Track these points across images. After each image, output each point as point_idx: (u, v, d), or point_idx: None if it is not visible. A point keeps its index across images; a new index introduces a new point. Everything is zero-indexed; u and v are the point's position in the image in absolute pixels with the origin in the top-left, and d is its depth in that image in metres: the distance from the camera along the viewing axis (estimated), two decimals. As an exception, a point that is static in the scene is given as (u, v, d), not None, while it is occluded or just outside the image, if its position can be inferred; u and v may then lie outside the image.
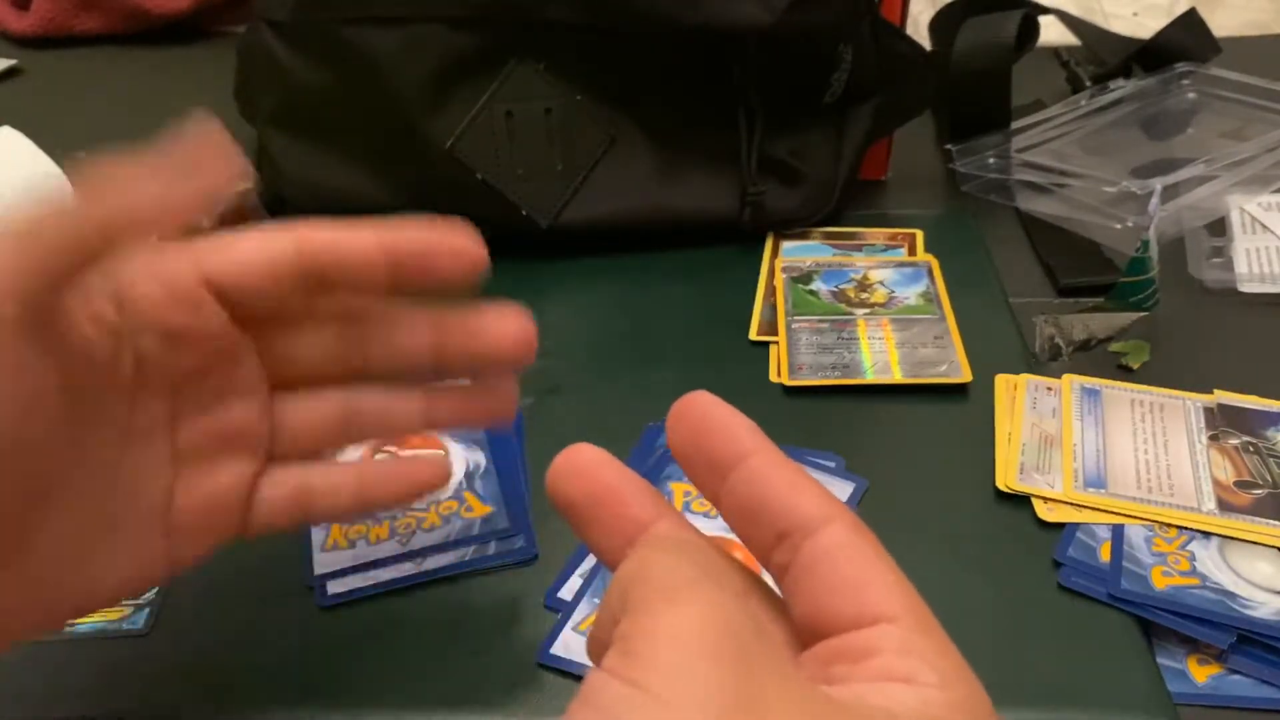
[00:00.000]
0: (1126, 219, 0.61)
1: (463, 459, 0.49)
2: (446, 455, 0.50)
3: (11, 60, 0.94)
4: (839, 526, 0.27)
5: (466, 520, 0.46)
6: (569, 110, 0.60)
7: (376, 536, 0.45)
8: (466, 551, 0.45)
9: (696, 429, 0.29)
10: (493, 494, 0.47)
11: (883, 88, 0.65)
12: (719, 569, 0.27)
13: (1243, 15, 0.99)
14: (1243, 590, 0.42)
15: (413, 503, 0.46)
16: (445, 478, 0.40)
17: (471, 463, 0.49)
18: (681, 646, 0.23)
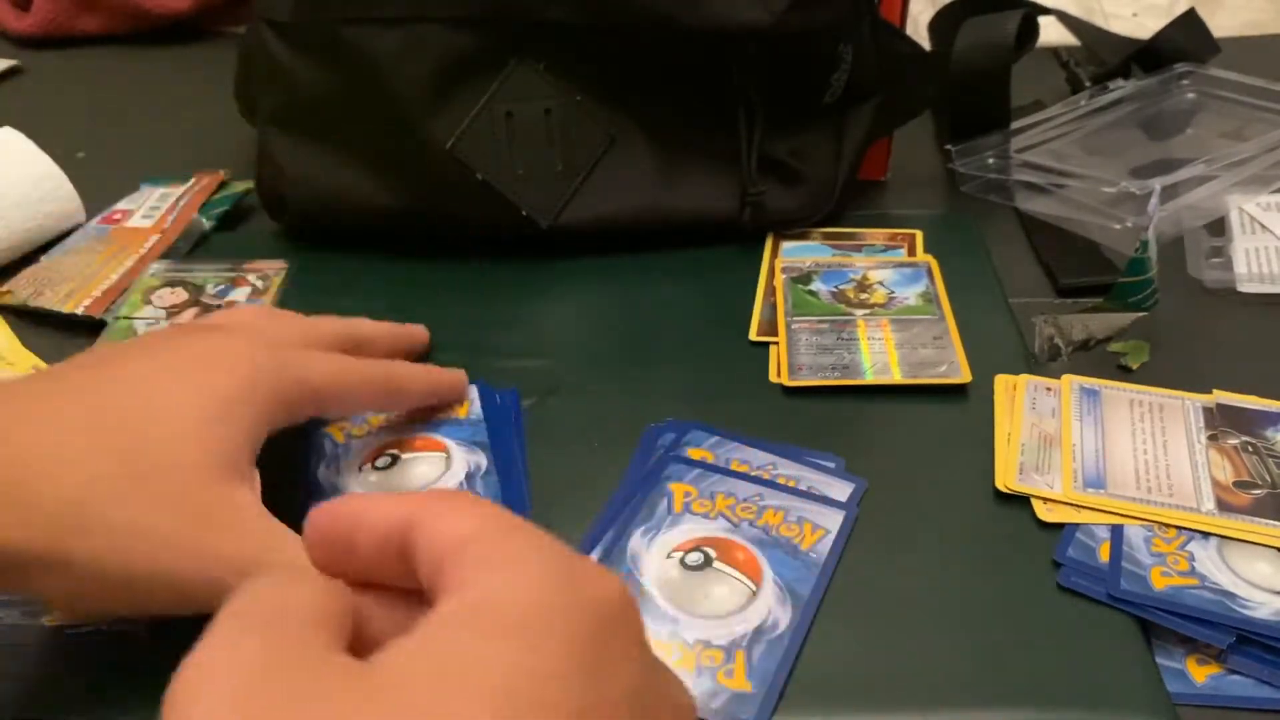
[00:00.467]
0: (1126, 219, 0.61)
1: (464, 460, 0.49)
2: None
3: (12, 60, 0.94)
4: (427, 504, 0.28)
5: None
6: (569, 110, 0.60)
7: None
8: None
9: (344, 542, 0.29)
10: (494, 496, 0.47)
11: (883, 88, 0.65)
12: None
13: (1242, 15, 0.99)
14: (1242, 590, 0.42)
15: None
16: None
17: (472, 464, 0.48)
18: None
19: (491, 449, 0.49)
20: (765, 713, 0.38)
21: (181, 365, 0.41)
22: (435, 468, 0.48)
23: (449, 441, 0.50)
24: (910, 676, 0.40)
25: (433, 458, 0.49)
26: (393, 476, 0.48)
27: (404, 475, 0.48)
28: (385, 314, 0.60)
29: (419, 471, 0.48)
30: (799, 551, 0.44)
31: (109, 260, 0.63)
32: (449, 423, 0.51)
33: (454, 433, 0.50)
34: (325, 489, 0.47)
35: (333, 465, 0.49)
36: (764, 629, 0.41)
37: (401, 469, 0.48)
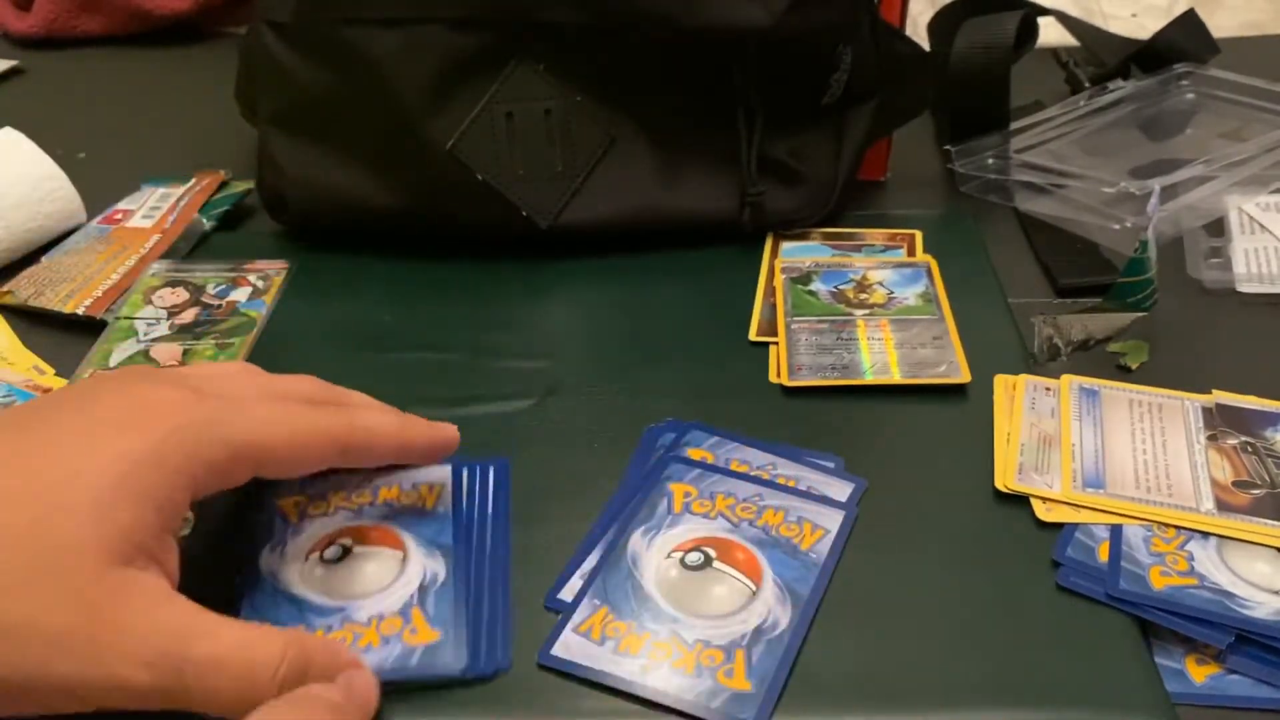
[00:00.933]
0: (1125, 219, 0.61)
1: (420, 565, 0.43)
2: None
3: (12, 60, 0.94)
4: None
5: (406, 647, 0.40)
6: (569, 111, 0.60)
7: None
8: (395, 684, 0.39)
9: None
10: (445, 617, 0.41)
11: (882, 88, 0.65)
12: None
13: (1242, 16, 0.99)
14: (1241, 590, 0.42)
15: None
16: None
17: (429, 572, 0.43)
18: None
19: (455, 553, 0.43)
20: (765, 713, 0.38)
21: (91, 427, 0.36)
22: (387, 571, 0.42)
23: (409, 539, 0.44)
24: (910, 676, 0.40)
25: (387, 556, 0.43)
26: (337, 574, 0.42)
27: (351, 575, 0.42)
28: (386, 314, 0.60)
29: (368, 571, 0.42)
30: (799, 551, 0.44)
31: (109, 260, 0.63)
32: (413, 513, 0.45)
33: (417, 527, 0.44)
34: (264, 577, 0.42)
35: (278, 549, 0.43)
36: (764, 629, 0.41)
37: (349, 567, 0.42)
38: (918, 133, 0.75)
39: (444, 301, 0.61)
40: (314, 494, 0.45)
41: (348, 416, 0.42)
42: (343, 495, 0.45)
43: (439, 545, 0.43)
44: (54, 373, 0.56)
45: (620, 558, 0.44)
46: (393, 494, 0.45)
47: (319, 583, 0.42)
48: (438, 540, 0.44)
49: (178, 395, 0.38)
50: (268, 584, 0.42)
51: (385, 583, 0.42)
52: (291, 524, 0.44)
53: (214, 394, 0.39)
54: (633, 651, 0.40)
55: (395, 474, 0.46)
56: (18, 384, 0.55)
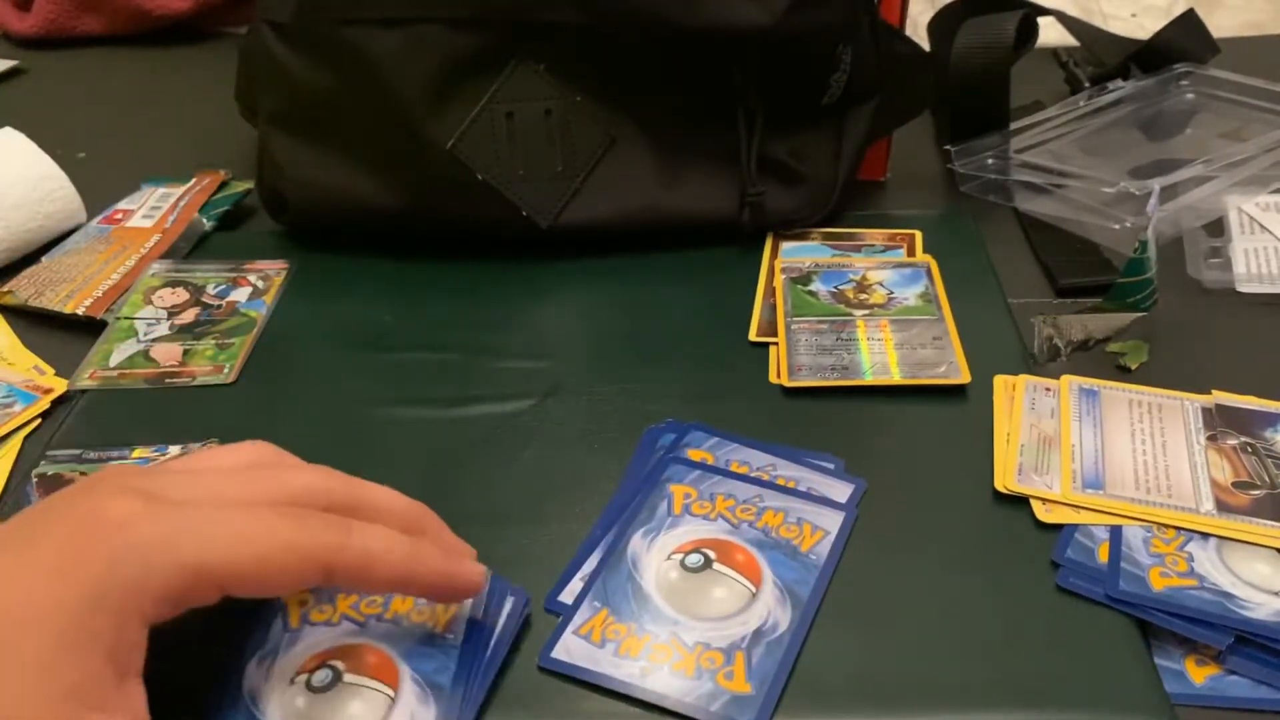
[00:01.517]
0: (1125, 219, 0.61)
1: (408, 712, 0.38)
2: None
3: (13, 60, 0.94)
4: None
5: None
6: (569, 110, 0.60)
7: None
8: None
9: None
10: None
11: (882, 88, 0.65)
12: None
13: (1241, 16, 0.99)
14: (1241, 591, 0.42)
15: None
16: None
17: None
18: None
19: (444, 707, 0.38)
20: (765, 714, 0.38)
21: (27, 575, 0.32)
22: (372, 713, 0.37)
23: (405, 675, 0.39)
24: (910, 677, 0.40)
25: (376, 698, 0.38)
26: (318, 710, 0.37)
27: (333, 710, 0.37)
28: (386, 314, 0.60)
29: (352, 711, 0.37)
30: (798, 553, 0.44)
31: (110, 260, 0.63)
32: (419, 639, 0.40)
33: (418, 659, 0.39)
34: (244, 698, 0.38)
35: (266, 662, 0.39)
36: (764, 630, 0.41)
37: (332, 704, 0.38)
38: (918, 133, 0.75)
39: (444, 301, 0.61)
40: (321, 595, 0.41)
41: (343, 535, 0.36)
42: (351, 601, 0.41)
43: (434, 686, 0.38)
44: (54, 373, 0.56)
45: (620, 560, 0.44)
46: (405, 608, 0.41)
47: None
48: (435, 680, 0.38)
49: (129, 509, 0.33)
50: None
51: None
52: (289, 628, 0.40)
53: (176, 501, 0.34)
54: (633, 654, 0.40)
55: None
56: (18, 384, 0.55)
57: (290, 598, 0.41)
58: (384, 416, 0.53)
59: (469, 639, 0.40)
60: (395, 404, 0.53)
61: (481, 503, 0.48)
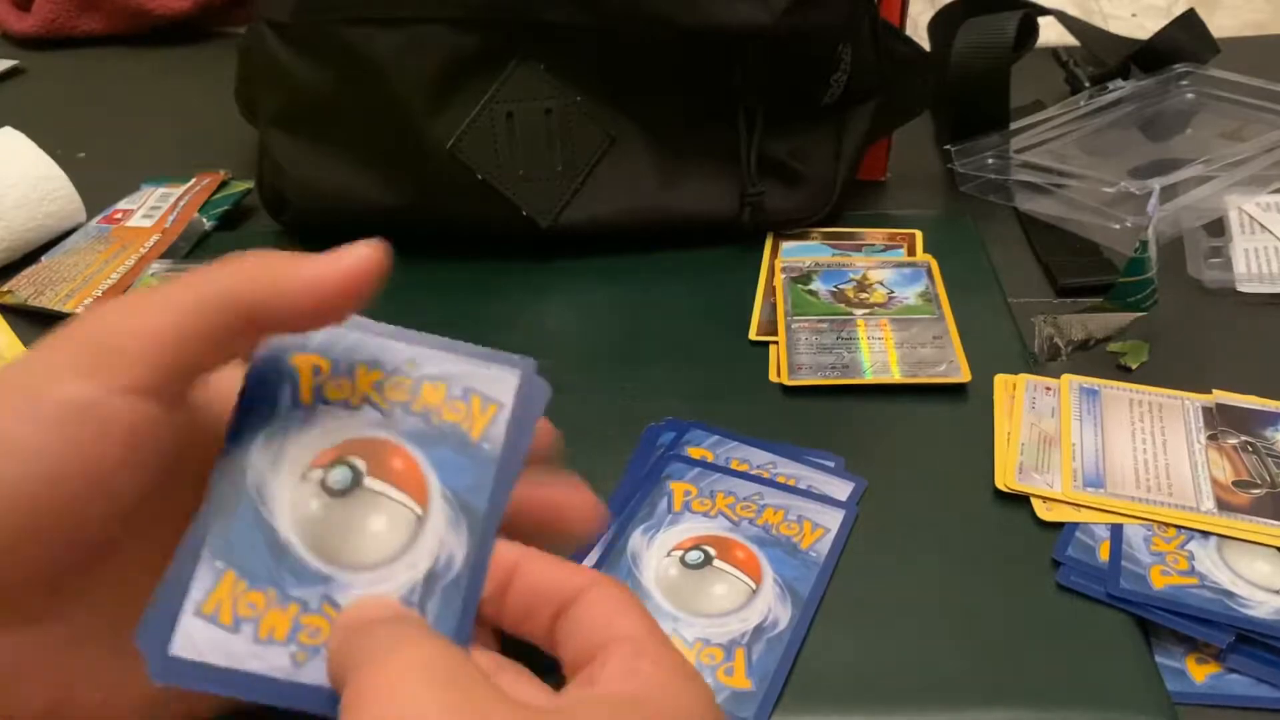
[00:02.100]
0: (1125, 219, 0.61)
1: (436, 539, 0.31)
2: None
3: (12, 60, 0.94)
4: (594, 588, 0.30)
5: None
6: (569, 110, 0.60)
7: (268, 631, 0.30)
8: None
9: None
10: (449, 625, 0.31)
11: (882, 88, 0.65)
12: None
13: (1242, 15, 0.99)
14: (1241, 589, 0.42)
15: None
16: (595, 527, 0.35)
17: (443, 556, 0.31)
18: (402, 680, 0.26)
19: (478, 535, 0.32)
20: (765, 711, 0.38)
21: None
22: (393, 533, 0.31)
23: (435, 486, 0.32)
24: (910, 675, 0.40)
25: (401, 512, 0.31)
26: (334, 518, 0.31)
27: (350, 526, 0.31)
28: (386, 314, 0.60)
29: (372, 529, 0.31)
30: (799, 550, 0.44)
31: (109, 260, 0.63)
32: (451, 441, 0.32)
33: (450, 473, 0.32)
34: (249, 490, 0.31)
35: (275, 442, 0.32)
36: (764, 627, 0.41)
37: (351, 508, 0.31)
38: (918, 133, 0.75)
39: (444, 301, 0.61)
40: (339, 366, 0.33)
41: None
42: (373, 379, 0.33)
43: (467, 509, 0.32)
44: (54, 372, 0.56)
45: (620, 556, 0.44)
46: (436, 398, 0.33)
47: (311, 525, 0.31)
48: (468, 500, 0.32)
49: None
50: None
51: (388, 553, 0.31)
52: (300, 404, 0.32)
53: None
54: (633, 650, 0.40)
55: (449, 368, 0.34)
56: (18, 383, 0.55)
57: (302, 360, 0.33)
58: (384, 415, 0.53)
59: (506, 451, 0.33)
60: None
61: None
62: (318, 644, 0.30)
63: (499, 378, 0.34)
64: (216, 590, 0.30)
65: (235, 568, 0.30)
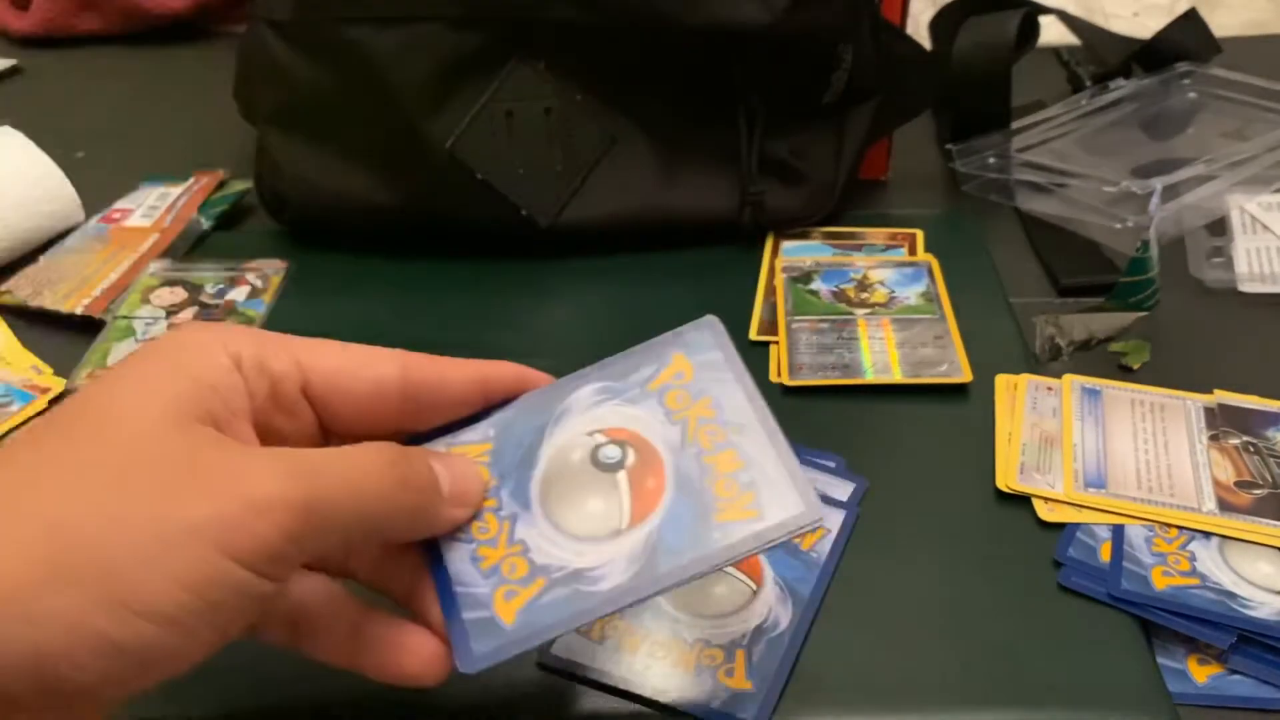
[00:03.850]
0: (1127, 219, 0.61)
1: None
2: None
3: (11, 60, 0.94)
4: None
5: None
6: (569, 110, 0.60)
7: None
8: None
9: None
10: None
11: (883, 88, 0.65)
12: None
13: (1243, 15, 0.99)
14: (1243, 590, 0.42)
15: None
16: (436, 676, 0.34)
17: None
18: None
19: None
20: (765, 712, 0.38)
21: None
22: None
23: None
24: (910, 676, 0.40)
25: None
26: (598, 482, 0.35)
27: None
28: (386, 314, 0.60)
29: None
30: (799, 551, 0.44)
31: (108, 260, 0.63)
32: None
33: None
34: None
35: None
36: (764, 628, 0.41)
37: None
38: (918, 132, 0.75)
39: (443, 301, 0.61)
40: None
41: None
42: None
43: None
44: (52, 372, 0.56)
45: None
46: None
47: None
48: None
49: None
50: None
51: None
52: None
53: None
54: (632, 650, 0.40)
55: None
56: (16, 384, 0.55)
57: None
58: (383, 415, 0.53)
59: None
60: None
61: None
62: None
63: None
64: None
65: None
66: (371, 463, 0.31)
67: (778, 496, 0.33)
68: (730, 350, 0.36)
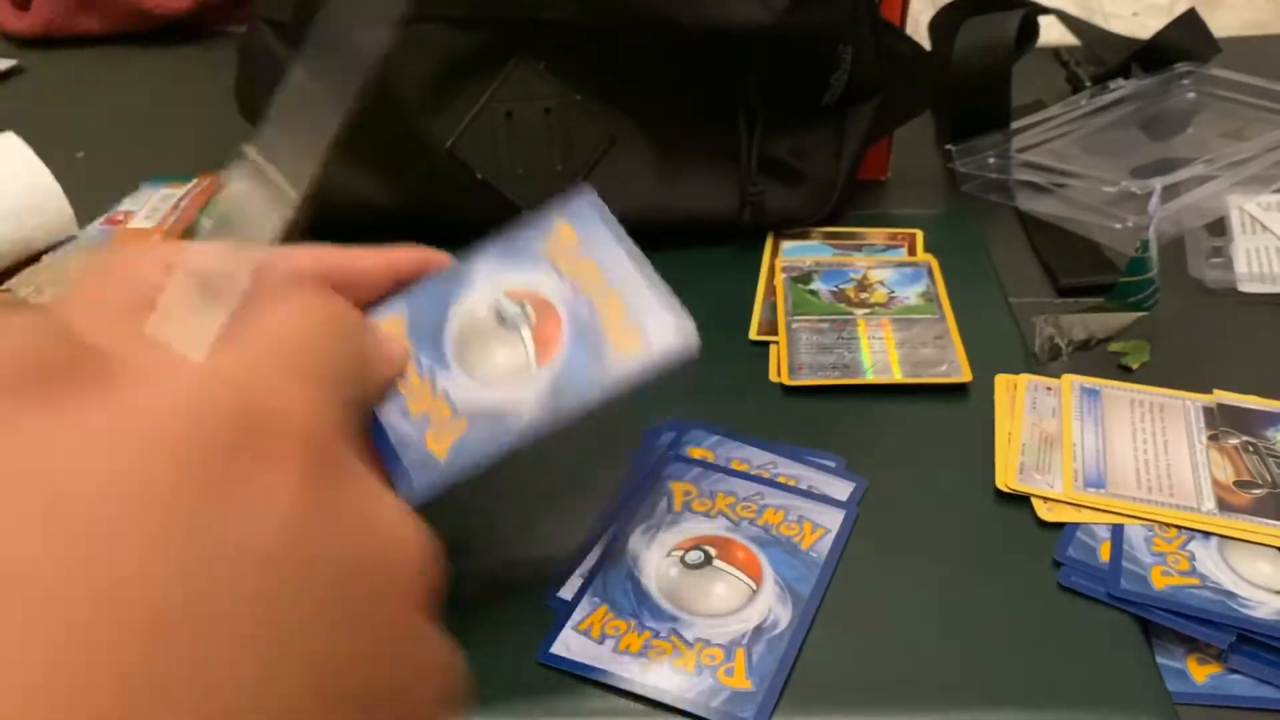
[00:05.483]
0: (1126, 219, 0.61)
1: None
2: None
3: (12, 60, 0.94)
4: None
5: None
6: (569, 110, 0.60)
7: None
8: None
9: None
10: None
11: (883, 88, 0.65)
12: None
13: (1243, 15, 0.99)
14: (1242, 590, 0.42)
15: None
16: None
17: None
18: None
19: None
20: (765, 711, 0.38)
21: None
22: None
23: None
24: (910, 676, 0.40)
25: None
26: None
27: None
28: (385, 313, 0.60)
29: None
30: (799, 550, 0.44)
31: (109, 260, 0.63)
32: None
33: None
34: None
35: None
36: (764, 627, 0.41)
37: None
38: (918, 132, 0.75)
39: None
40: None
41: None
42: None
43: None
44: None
45: (620, 556, 0.44)
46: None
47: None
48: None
49: None
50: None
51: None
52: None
53: None
54: (633, 650, 0.40)
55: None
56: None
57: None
58: (383, 415, 0.53)
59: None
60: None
61: (481, 500, 0.48)
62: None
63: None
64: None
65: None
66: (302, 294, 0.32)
67: (661, 331, 0.39)
68: (608, 215, 0.40)
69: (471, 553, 0.45)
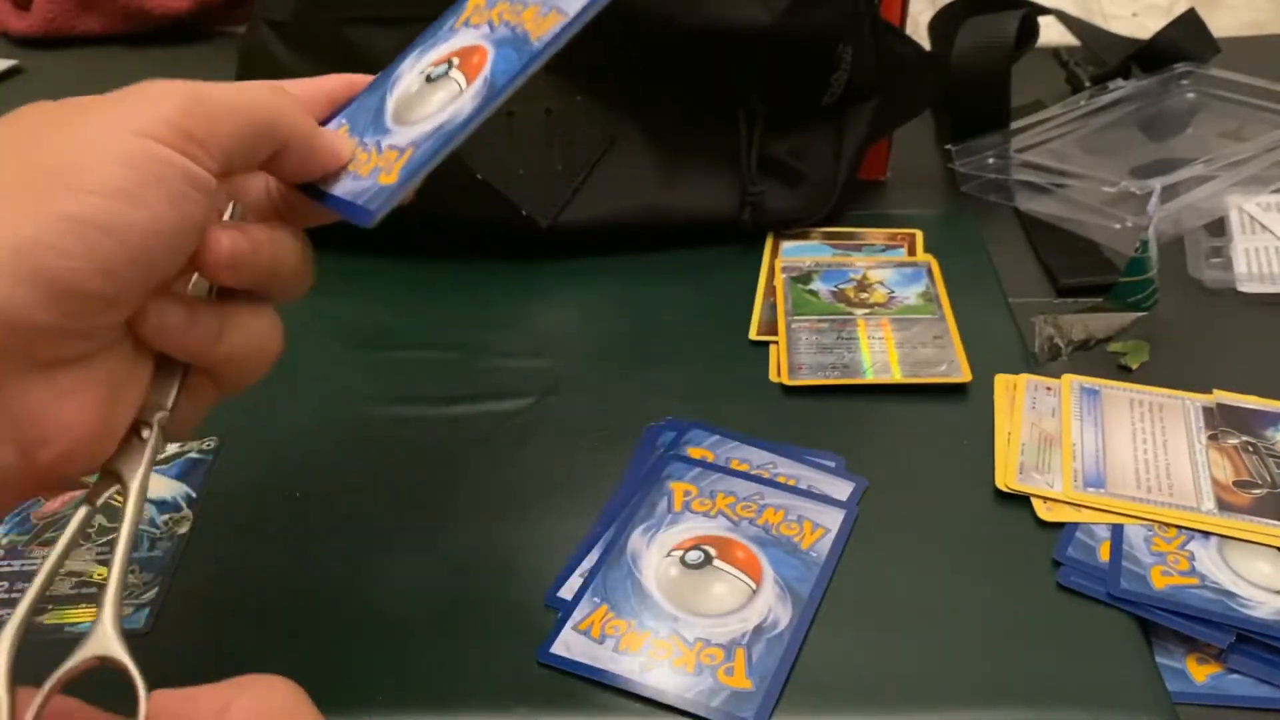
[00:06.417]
0: (1126, 219, 0.61)
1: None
2: None
3: (12, 60, 0.94)
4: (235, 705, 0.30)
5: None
6: (569, 111, 0.60)
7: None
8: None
9: None
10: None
11: (882, 88, 0.65)
12: None
13: (1242, 15, 0.99)
14: (1242, 590, 0.42)
15: None
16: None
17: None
18: None
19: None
20: (765, 711, 0.38)
21: None
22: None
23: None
24: (910, 676, 0.40)
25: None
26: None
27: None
28: (386, 314, 0.60)
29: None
30: (799, 550, 0.44)
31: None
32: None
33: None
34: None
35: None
36: (764, 627, 0.41)
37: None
38: (918, 132, 0.75)
39: (443, 300, 0.61)
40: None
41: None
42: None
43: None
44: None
45: (620, 556, 0.44)
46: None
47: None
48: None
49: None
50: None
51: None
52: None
53: None
54: (633, 650, 0.40)
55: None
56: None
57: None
58: (383, 415, 0.53)
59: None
60: (395, 402, 0.53)
61: (481, 500, 0.48)
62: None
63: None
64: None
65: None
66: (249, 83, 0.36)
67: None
68: None
69: (472, 553, 0.45)
